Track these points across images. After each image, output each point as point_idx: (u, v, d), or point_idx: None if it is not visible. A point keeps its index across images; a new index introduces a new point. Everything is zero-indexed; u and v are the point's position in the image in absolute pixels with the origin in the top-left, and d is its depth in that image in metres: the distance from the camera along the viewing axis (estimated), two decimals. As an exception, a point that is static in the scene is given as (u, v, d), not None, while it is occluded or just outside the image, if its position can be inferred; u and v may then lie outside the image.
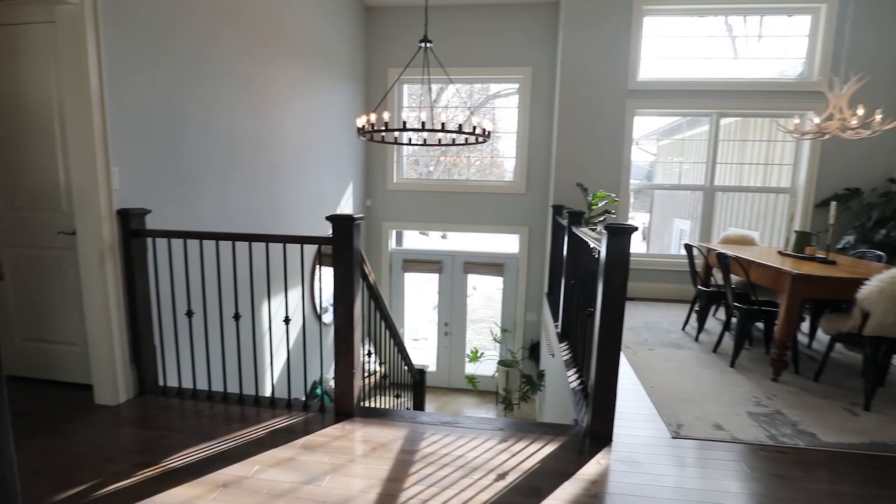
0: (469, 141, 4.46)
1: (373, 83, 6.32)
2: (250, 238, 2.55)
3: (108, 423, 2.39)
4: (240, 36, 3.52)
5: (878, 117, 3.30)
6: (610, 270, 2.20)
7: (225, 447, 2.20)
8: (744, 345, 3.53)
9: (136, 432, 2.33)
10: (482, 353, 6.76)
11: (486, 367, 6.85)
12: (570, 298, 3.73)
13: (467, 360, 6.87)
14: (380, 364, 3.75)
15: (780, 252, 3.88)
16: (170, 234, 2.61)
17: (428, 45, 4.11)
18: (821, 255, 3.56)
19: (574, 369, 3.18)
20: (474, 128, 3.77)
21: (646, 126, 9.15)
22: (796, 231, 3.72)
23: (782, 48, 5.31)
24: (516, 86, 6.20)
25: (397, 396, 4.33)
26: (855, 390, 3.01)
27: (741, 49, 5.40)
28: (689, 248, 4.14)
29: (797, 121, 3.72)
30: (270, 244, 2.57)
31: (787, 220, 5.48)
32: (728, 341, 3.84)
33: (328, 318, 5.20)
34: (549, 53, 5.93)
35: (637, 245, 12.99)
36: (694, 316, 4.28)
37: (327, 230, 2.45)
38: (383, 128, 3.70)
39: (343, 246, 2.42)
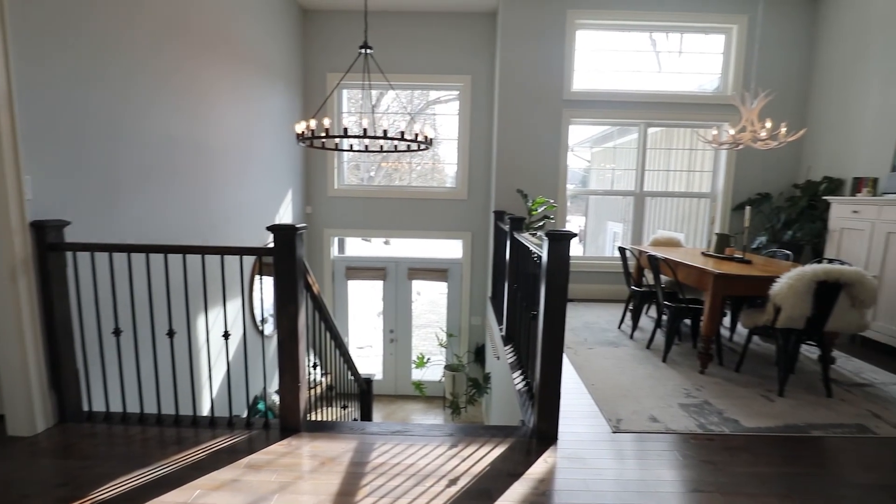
0: (411, 148, 4.48)
1: (311, 88, 6.19)
2: (184, 250, 2.42)
3: (25, 456, 2.18)
4: (174, 40, 3.34)
5: (783, 130, 3.65)
6: (551, 275, 2.28)
7: (161, 473, 2.07)
8: (674, 340, 3.76)
9: (58, 463, 2.14)
10: (428, 359, 6.77)
11: (433, 372, 6.87)
12: (513, 302, 3.83)
13: (413, 366, 6.85)
14: (325, 374, 3.67)
15: (703, 253, 4.18)
16: (93, 248, 2.42)
17: (368, 51, 4.10)
18: (738, 255, 3.87)
19: (519, 371, 3.26)
20: (416, 135, 3.79)
21: (581, 134, 9.55)
22: (717, 233, 4.03)
23: (701, 64, 5.74)
24: (456, 92, 6.29)
25: (344, 407, 4.25)
26: (770, 378, 3.29)
27: (665, 64, 5.78)
28: (622, 250, 4.37)
29: (715, 132, 4.04)
30: (206, 256, 2.46)
31: (708, 222, 5.92)
32: (660, 338, 4.07)
33: (269, 329, 5.02)
34: (487, 63, 6.07)
35: (574, 248, 13.56)
36: (629, 315, 4.51)
37: (265, 238, 2.38)
38: (323, 134, 3.64)
39: (285, 256, 2.35)
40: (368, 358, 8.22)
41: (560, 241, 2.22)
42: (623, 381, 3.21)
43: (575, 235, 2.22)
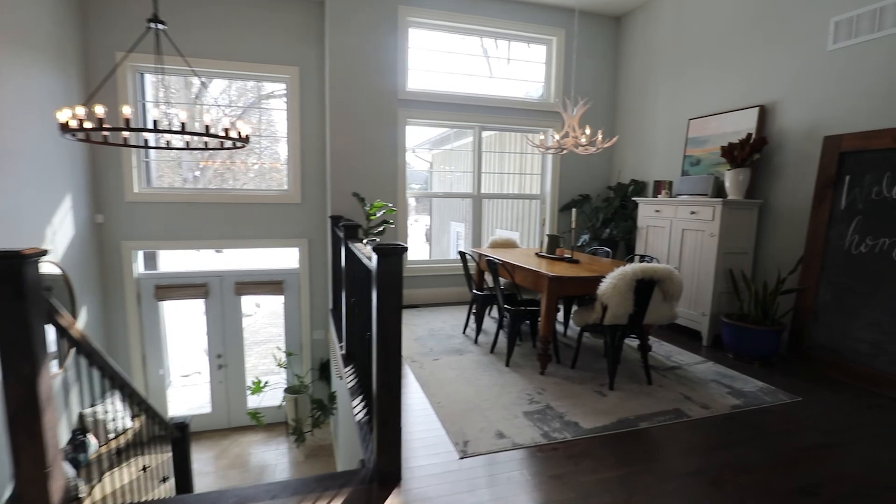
0: (225, 145, 3.84)
1: (95, 69, 5.01)
2: None
3: None
4: None
5: (600, 137, 3.89)
6: (383, 294, 1.98)
7: None
8: (515, 343, 3.76)
9: None
10: (266, 383, 6.03)
11: (272, 396, 6.15)
12: (352, 318, 3.47)
13: (249, 392, 6.05)
14: (126, 421, 2.88)
15: (537, 254, 4.30)
16: None
17: (160, 27, 3.35)
18: (567, 254, 4.05)
19: (360, 397, 2.91)
20: (226, 130, 3.19)
21: (421, 135, 9.54)
22: (548, 235, 4.17)
23: (527, 72, 6.01)
24: (283, 85, 5.67)
25: (144, 469, 3.43)
26: (601, 371, 3.47)
27: (496, 69, 5.93)
28: (463, 254, 4.29)
29: (542, 136, 4.16)
30: None
31: (539, 222, 6.25)
32: (503, 340, 4.08)
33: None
34: (317, 54, 5.58)
35: (421, 251, 13.55)
36: (472, 319, 4.47)
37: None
38: (98, 126, 2.84)
39: (11, 296, 1.66)
40: (197, 386, 7.10)
41: (390, 256, 1.92)
42: (469, 394, 3.08)
43: (405, 249, 1.95)
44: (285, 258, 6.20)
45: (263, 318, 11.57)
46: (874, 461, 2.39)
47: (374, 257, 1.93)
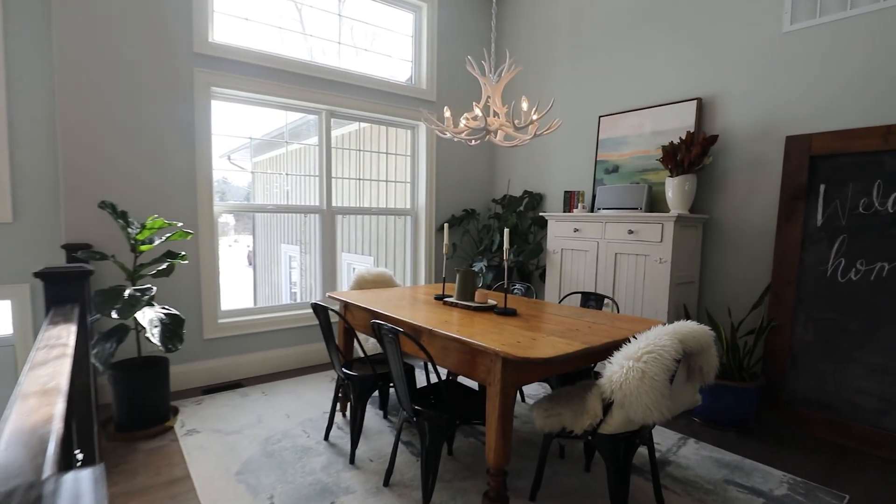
0: None
1: None
2: None
3: None
4: None
5: (535, 117, 2.53)
6: None
7: None
8: (437, 471, 2.11)
9: None
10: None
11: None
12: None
13: None
14: None
15: (440, 298, 2.76)
16: None
17: None
18: (493, 300, 2.60)
19: None
20: None
21: (235, 134, 7.31)
22: (460, 270, 2.66)
23: (393, 46, 4.50)
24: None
25: None
26: (576, 497, 2.06)
27: (348, 36, 4.28)
28: (320, 309, 2.50)
29: (448, 115, 2.67)
30: None
31: (412, 244, 4.73)
32: (405, 457, 2.44)
33: None
34: (40, -32, 3.23)
35: (243, 296, 10.62)
36: (339, 408, 2.73)
37: None
38: None
39: None
40: None
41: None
42: None
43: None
44: (-14, 319, 3.55)
45: None
46: None
47: None
